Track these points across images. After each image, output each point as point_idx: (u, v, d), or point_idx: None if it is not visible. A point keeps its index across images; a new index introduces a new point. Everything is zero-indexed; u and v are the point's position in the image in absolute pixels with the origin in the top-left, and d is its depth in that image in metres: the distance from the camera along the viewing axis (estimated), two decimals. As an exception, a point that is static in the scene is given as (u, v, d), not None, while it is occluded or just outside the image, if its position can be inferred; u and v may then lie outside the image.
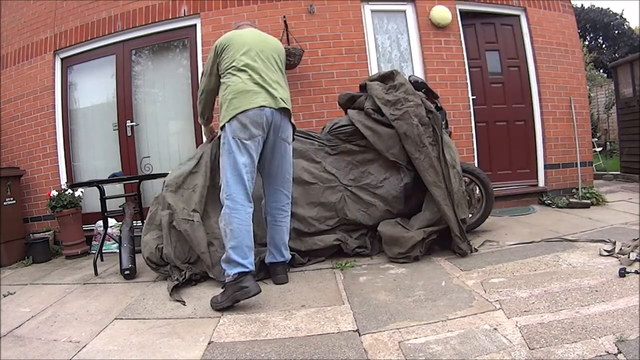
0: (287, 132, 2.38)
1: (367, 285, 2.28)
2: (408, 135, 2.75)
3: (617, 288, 1.86)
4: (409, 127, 2.75)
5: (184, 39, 4.22)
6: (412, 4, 4.21)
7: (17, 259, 3.77)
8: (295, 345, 1.65)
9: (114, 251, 3.54)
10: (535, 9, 4.46)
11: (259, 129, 2.23)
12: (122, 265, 2.81)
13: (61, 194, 3.73)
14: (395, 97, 2.85)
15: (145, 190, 4.05)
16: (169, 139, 4.33)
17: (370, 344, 1.60)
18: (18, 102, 4.40)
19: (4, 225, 3.72)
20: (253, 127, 2.21)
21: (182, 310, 2.15)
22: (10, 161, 4.37)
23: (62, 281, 2.96)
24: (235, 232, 2.13)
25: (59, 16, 4.33)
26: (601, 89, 10.92)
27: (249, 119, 2.20)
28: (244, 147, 2.21)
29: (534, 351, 1.41)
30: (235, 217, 2.15)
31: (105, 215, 3.23)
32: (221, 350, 1.66)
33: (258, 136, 2.24)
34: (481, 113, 4.36)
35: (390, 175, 2.93)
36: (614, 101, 7.05)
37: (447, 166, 2.72)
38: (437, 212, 2.70)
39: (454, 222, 2.63)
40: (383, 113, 2.85)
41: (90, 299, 2.45)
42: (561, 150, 4.43)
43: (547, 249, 2.60)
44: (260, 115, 2.22)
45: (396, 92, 2.89)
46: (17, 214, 4.01)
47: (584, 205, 3.93)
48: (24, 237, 3.96)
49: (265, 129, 2.26)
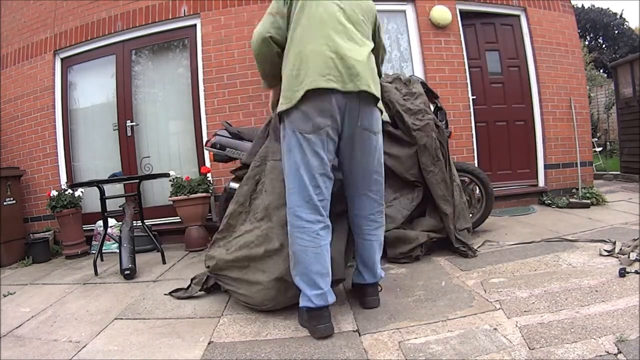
0: (370, 119, 1.79)
1: (367, 285, 2.28)
2: (427, 147, 2.73)
3: (617, 288, 1.85)
4: (428, 139, 2.73)
5: (184, 39, 4.22)
6: (412, 4, 4.21)
7: (17, 259, 3.77)
8: (295, 345, 1.65)
9: (114, 251, 3.54)
10: (535, 9, 4.46)
11: (325, 118, 1.69)
12: (122, 265, 2.80)
13: (61, 194, 3.73)
14: (416, 107, 2.82)
15: (145, 190, 4.06)
16: (169, 139, 4.32)
17: (370, 344, 1.60)
18: (18, 102, 4.40)
19: (4, 225, 3.72)
20: (318, 115, 1.69)
21: (182, 310, 2.14)
22: (10, 161, 4.37)
23: (62, 281, 2.96)
24: (298, 256, 1.72)
25: (59, 16, 4.33)
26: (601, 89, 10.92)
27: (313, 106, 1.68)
28: (307, 143, 1.71)
29: (534, 351, 1.41)
30: (298, 237, 1.72)
31: (105, 215, 3.23)
32: (221, 350, 1.66)
33: (326, 127, 1.70)
34: (481, 113, 4.36)
35: (401, 195, 2.87)
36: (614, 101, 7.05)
37: (452, 179, 2.78)
38: (440, 221, 2.74)
39: (453, 235, 2.70)
40: (398, 122, 2.80)
41: (90, 299, 2.45)
42: (561, 150, 4.43)
43: (547, 249, 2.60)
44: (329, 100, 1.68)
45: (415, 100, 2.87)
46: (17, 214, 4.01)
47: (584, 205, 3.93)
48: (24, 237, 3.96)
49: (338, 117, 1.72)
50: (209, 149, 3.04)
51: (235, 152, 2.92)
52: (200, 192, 3.61)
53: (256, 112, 3.92)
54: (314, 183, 1.72)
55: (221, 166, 3.62)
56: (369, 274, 1.95)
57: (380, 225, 1.94)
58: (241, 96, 3.93)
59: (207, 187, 3.70)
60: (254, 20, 3.95)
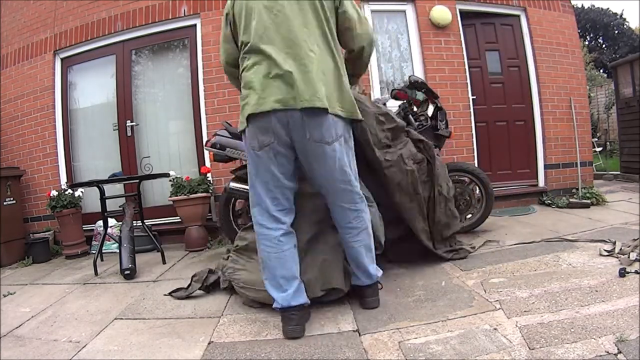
0: (320, 131, 1.71)
1: (367, 285, 2.27)
2: (402, 186, 2.36)
3: (617, 288, 1.85)
4: (403, 175, 2.35)
5: (184, 39, 4.22)
6: (412, 4, 4.21)
7: (17, 259, 3.77)
8: (295, 345, 1.65)
9: (114, 251, 3.54)
10: (535, 9, 4.46)
11: (268, 135, 1.72)
12: (122, 265, 2.81)
13: (61, 194, 3.74)
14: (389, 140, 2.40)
15: (145, 190, 4.06)
16: (169, 139, 4.32)
17: (370, 344, 1.60)
18: (18, 102, 4.40)
19: (4, 225, 3.72)
20: (261, 134, 1.73)
21: (182, 310, 2.15)
22: (10, 161, 4.37)
23: (62, 281, 2.96)
24: (264, 261, 1.80)
25: (59, 16, 4.33)
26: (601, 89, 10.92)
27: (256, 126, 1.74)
28: (258, 159, 1.78)
29: (534, 351, 1.41)
30: (262, 244, 1.80)
31: (105, 215, 3.23)
32: (221, 350, 1.66)
33: (270, 144, 1.73)
34: (481, 113, 4.35)
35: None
36: (614, 101, 7.05)
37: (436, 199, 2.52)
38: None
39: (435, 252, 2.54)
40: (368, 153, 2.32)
41: (90, 299, 2.45)
42: (561, 150, 4.43)
43: (547, 249, 2.60)
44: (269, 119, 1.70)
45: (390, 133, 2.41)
46: (17, 214, 4.01)
47: (584, 205, 3.93)
48: (24, 237, 3.96)
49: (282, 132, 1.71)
50: (209, 149, 3.04)
51: (235, 152, 2.92)
52: (200, 192, 3.61)
53: (256, 112, 3.91)
54: (270, 195, 1.79)
55: (221, 166, 3.61)
56: (364, 276, 1.95)
57: (360, 229, 1.90)
58: (241, 96, 3.93)
59: (207, 187, 3.70)
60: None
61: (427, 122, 3.09)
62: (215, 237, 3.80)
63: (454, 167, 3.28)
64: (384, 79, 4.22)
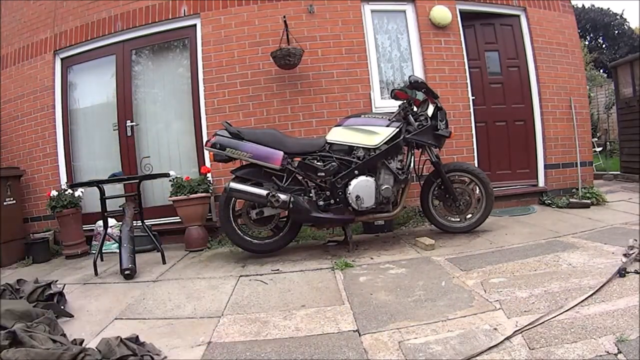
0: None
1: (367, 285, 2.28)
2: None
3: (617, 288, 1.85)
4: None
5: (184, 39, 4.22)
6: (412, 4, 4.21)
7: (17, 259, 3.77)
8: (295, 345, 1.65)
9: (114, 251, 3.54)
10: (535, 9, 4.46)
11: None
12: (122, 265, 2.80)
13: (61, 194, 3.73)
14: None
15: (145, 190, 4.06)
16: (169, 139, 4.32)
17: (370, 344, 1.60)
18: (18, 102, 4.40)
19: (4, 225, 3.72)
20: None
21: (182, 310, 2.15)
22: (10, 161, 4.37)
23: (62, 281, 2.95)
24: None
25: (59, 16, 4.33)
26: (601, 89, 10.92)
27: None
28: None
29: (534, 351, 1.41)
30: None
31: (105, 215, 3.23)
32: (221, 350, 1.66)
33: None
34: (481, 113, 4.35)
35: None
36: (614, 101, 7.05)
37: None
38: None
39: None
40: None
41: (90, 299, 2.45)
42: (561, 150, 4.43)
43: (547, 249, 2.60)
44: None
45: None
46: (17, 214, 4.01)
47: (584, 205, 3.93)
48: (24, 237, 3.96)
49: None
50: (209, 149, 3.04)
51: (235, 152, 2.92)
52: (200, 192, 3.61)
53: (256, 112, 3.91)
54: None
55: (221, 166, 3.61)
56: None
57: None
58: (241, 96, 3.93)
59: (207, 187, 3.70)
60: (253, 20, 3.95)
61: (427, 122, 3.10)
62: (215, 237, 3.80)
63: (454, 167, 3.29)
64: (384, 79, 4.22)
